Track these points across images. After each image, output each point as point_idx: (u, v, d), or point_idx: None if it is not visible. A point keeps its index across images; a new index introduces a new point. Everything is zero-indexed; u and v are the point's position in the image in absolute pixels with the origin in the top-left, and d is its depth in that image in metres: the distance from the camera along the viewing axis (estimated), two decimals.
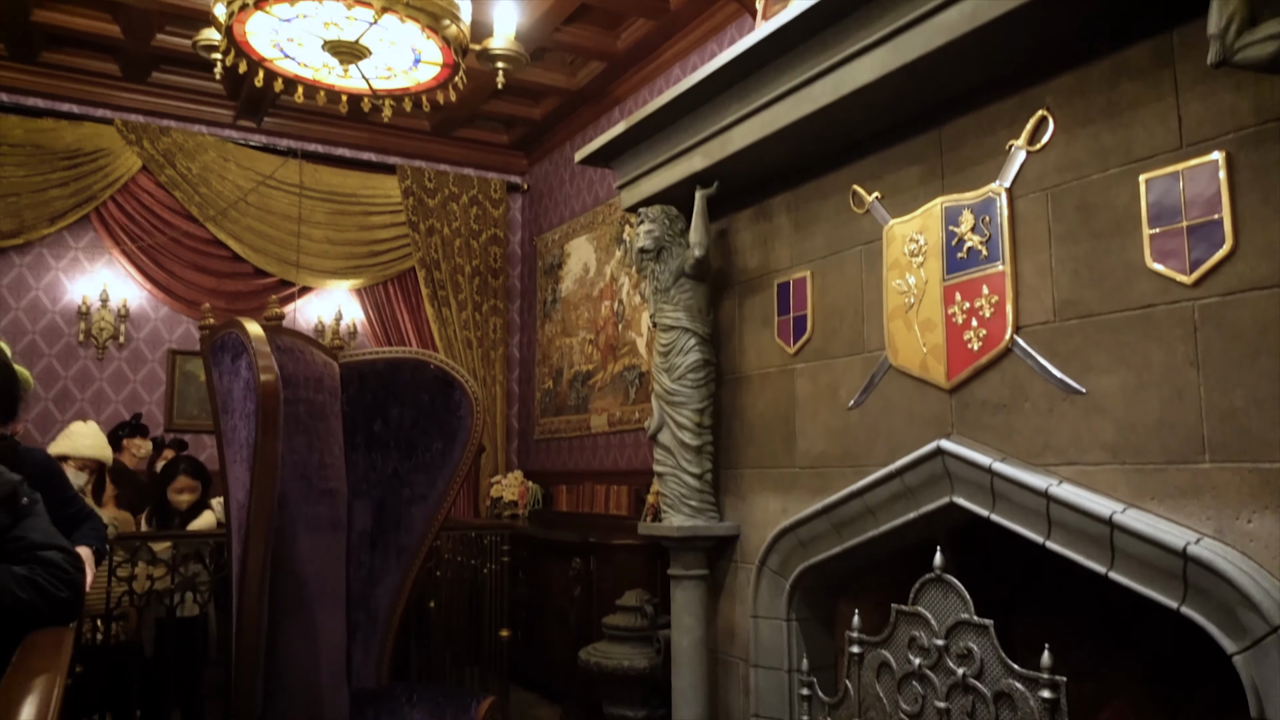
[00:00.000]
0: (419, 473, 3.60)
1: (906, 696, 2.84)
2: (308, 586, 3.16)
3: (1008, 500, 2.66)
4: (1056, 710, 2.41)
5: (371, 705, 3.34)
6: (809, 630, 3.46)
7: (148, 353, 7.29)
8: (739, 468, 3.85)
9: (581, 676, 4.68)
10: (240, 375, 2.91)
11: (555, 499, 7.35)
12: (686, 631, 3.72)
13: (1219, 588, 2.12)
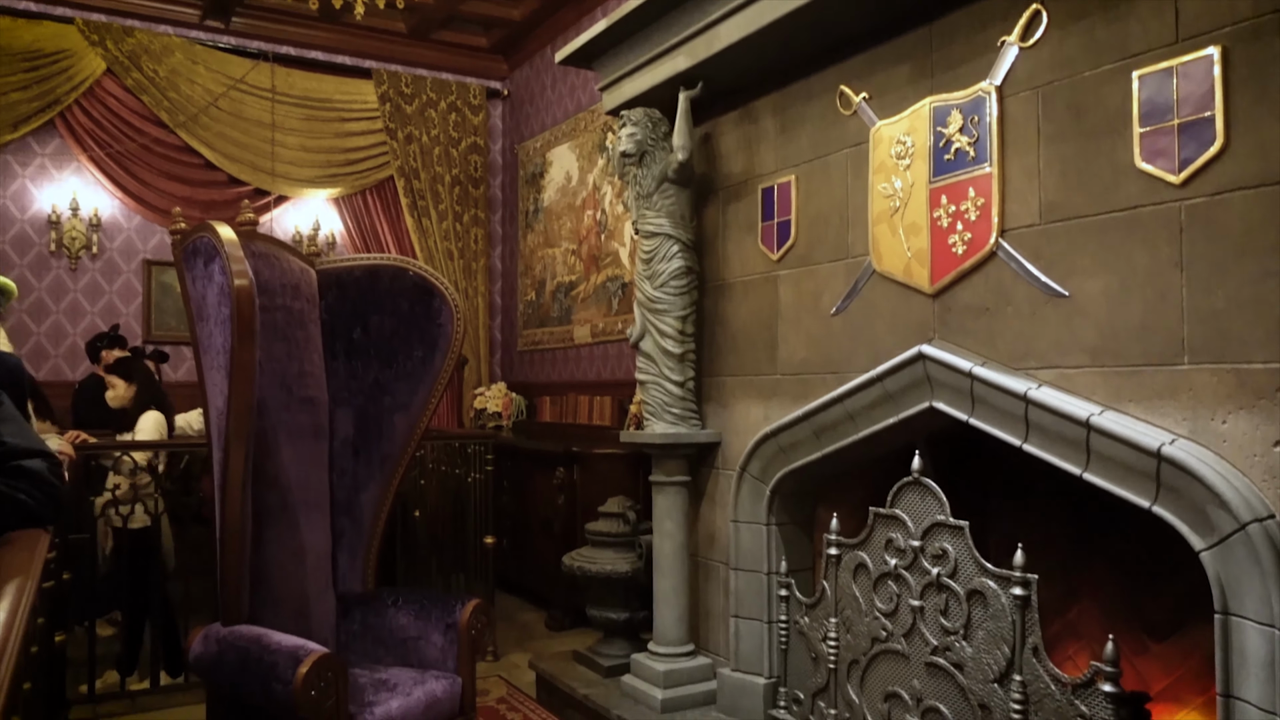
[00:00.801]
0: (400, 381, 3.58)
1: (882, 596, 2.90)
2: (291, 494, 3.17)
3: (987, 404, 2.67)
4: (1027, 607, 2.47)
5: (358, 609, 3.38)
6: (788, 534, 3.51)
7: (122, 263, 7.17)
8: (721, 375, 3.85)
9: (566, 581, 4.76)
10: (214, 280, 2.85)
11: (539, 410, 7.37)
12: (668, 536, 3.78)
13: (1191, 487, 2.14)
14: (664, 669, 3.68)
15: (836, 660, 3.05)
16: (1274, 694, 1.98)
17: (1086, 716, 2.31)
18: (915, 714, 2.78)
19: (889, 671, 2.88)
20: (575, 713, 3.96)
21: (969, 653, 2.62)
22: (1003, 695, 2.52)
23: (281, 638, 2.72)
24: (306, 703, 2.53)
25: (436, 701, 3.03)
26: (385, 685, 2.99)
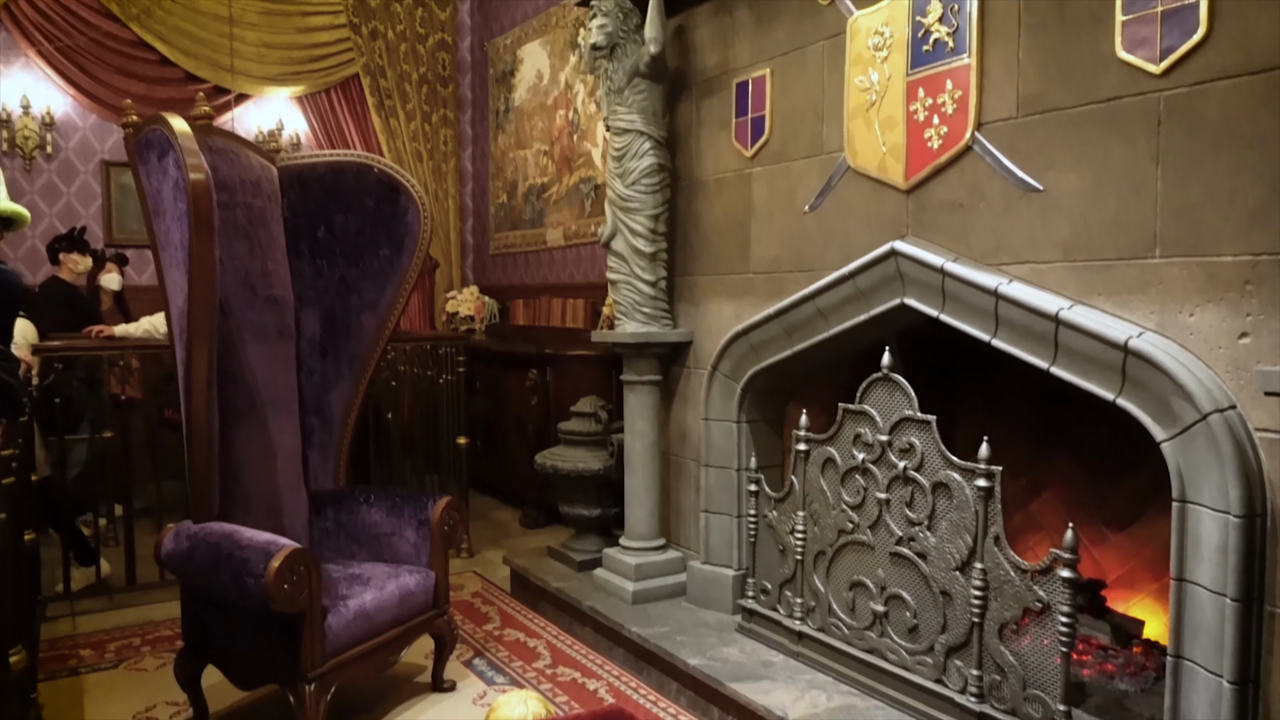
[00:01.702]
0: (367, 280, 3.52)
1: (849, 489, 2.95)
2: (258, 393, 3.14)
3: (958, 300, 2.67)
4: (990, 498, 2.51)
5: (330, 506, 3.40)
6: (758, 431, 3.54)
7: (79, 164, 6.93)
8: (693, 274, 3.82)
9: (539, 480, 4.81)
10: (169, 174, 2.76)
11: (512, 314, 7.33)
12: (639, 435, 3.80)
13: (1156, 379, 2.17)
14: (635, 562, 3.75)
15: (804, 552, 3.11)
16: (1224, 577, 2.04)
17: (1044, 601, 2.38)
18: (879, 601, 2.86)
19: (854, 562, 2.95)
20: (549, 605, 4.04)
21: (932, 543, 2.68)
22: (964, 582, 2.58)
23: (253, 534, 2.73)
24: (280, 596, 2.56)
25: (410, 594, 3.08)
26: (359, 579, 3.02)
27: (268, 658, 2.76)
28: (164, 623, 3.93)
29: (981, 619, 2.54)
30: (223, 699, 3.15)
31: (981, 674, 2.55)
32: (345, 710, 3.10)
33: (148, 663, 3.54)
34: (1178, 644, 2.16)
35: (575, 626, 3.84)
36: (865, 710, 2.79)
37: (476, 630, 3.91)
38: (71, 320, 5.03)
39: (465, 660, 3.58)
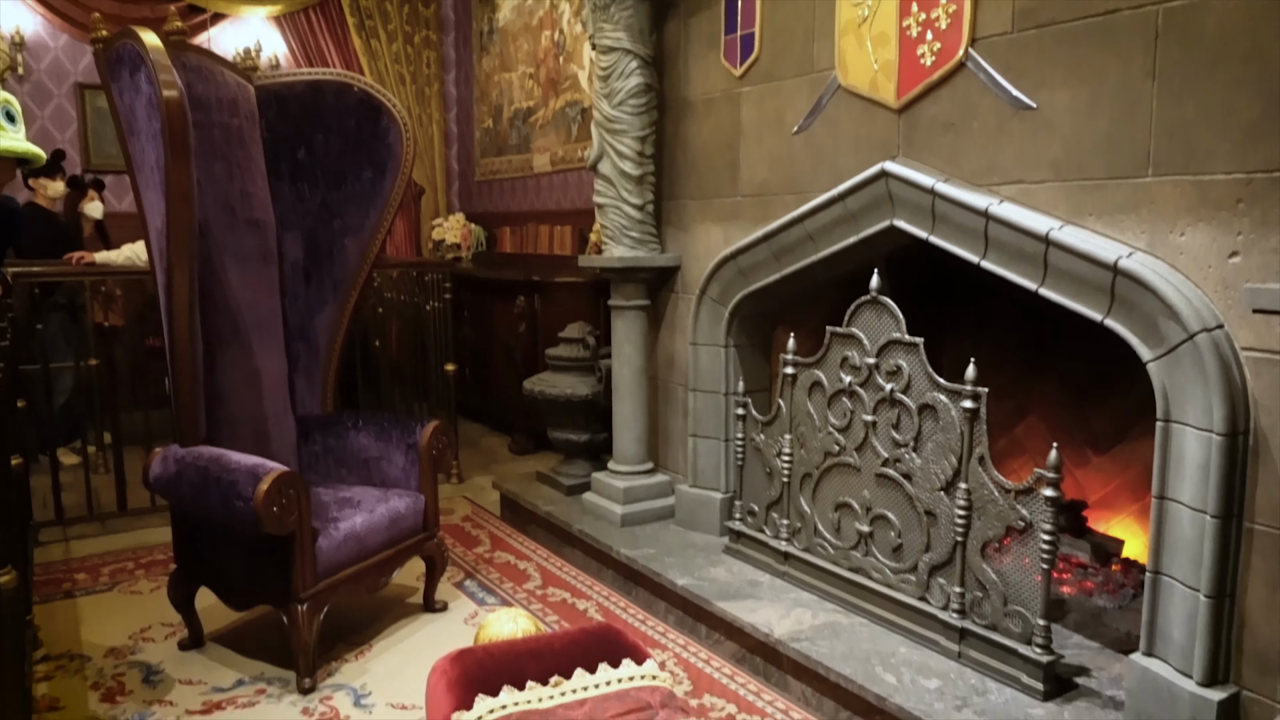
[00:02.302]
0: (349, 204, 3.46)
1: (836, 412, 2.96)
2: (241, 317, 3.11)
3: (948, 221, 2.64)
4: (976, 419, 2.52)
5: (318, 432, 3.40)
6: (746, 356, 3.54)
7: (52, 86, 6.76)
8: (681, 198, 3.77)
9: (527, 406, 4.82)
10: (141, 91, 2.68)
11: (499, 241, 7.26)
12: (627, 361, 3.79)
13: (1144, 299, 2.16)
14: (624, 485, 3.78)
15: (790, 474, 3.14)
16: (1205, 494, 2.06)
17: (1027, 520, 2.41)
18: (864, 522, 2.89)
19: (840, 483, 2.98)
20: (538, 529, 4.09)
21: (918, 464, 2.70)
22: (948, 502, 2.61)
23: (241, 457, 2.73)
24: (269, 518, 2.57)
25: (400, 517, 3.10)
26: (348, 502, 3.04)
27: (260, 579, 2.78)
28: (156, 547, 3.96)
29: (965, 538, 2.58)
30: (217, 620, 3.19)
31: (964, 591, 2.60)
32: (339, 630, 3.15)
33: (142, 585, 3.58)
34: (1157, 560, 2.20)
35: (565, 549, 3.89)
36: (849, 627, 2.84)
37: (467, 553, 3.95)
38: (50, 246, 4.95)
39: (456, 582, 3.63)
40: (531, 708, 1.84)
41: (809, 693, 2.69)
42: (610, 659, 2.02)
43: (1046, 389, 3.44)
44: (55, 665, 2.94)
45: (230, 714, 2.65)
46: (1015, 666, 2.46)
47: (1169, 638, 2.18)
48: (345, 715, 2.64)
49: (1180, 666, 2.15)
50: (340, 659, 2.98)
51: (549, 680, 1.94)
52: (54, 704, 2.70)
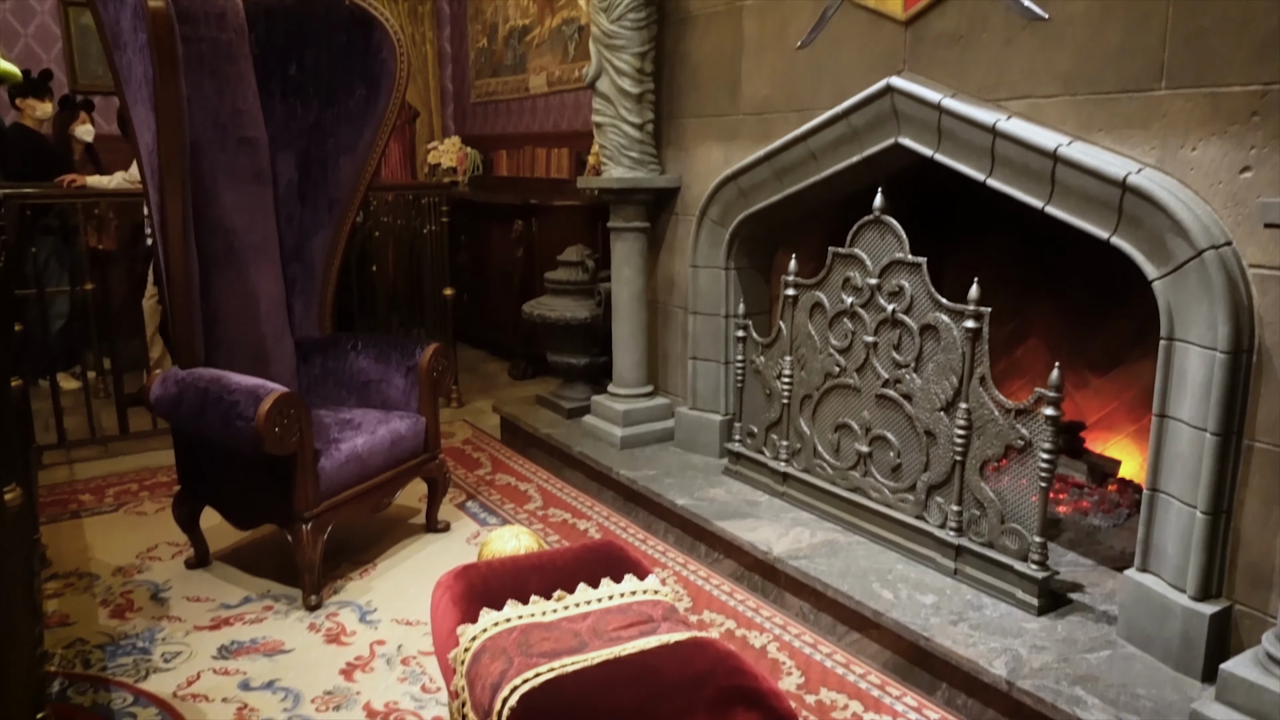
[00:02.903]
0: (343, 122, 3.39)
1: (837, 333, 2.95)
2: (236, 238, 3.07)
3: (954, 138, 2.59)
4: (978, 339, 2.51)
5: (317, 354, 3.39)
6: (746, 278, 3.51)
7: (34, 3, 6.56)
8: (681, 117, 3.69)
9: (526, 331, 4.81)
10: (126, 2, 2.59)
11: (495, 164, 7.15)
12: (626, 283, 3.76)
13: (1152, 216, 2.13)
14: (623, 408, 3.79)
15: (790, 396, 3.14)
16: (1206, 412, 2.06)
17: (1026, 439, 2.42)
18: (863, 442, 2.91)
19: (840, 404, 2.98)
20: (538, 451, 4.11)
21: (918, 384, 2.70)
22: (948, 423, 2.62)
23: (241, 378, 2.72)
24: (271, 438, 2.58)
25: (401, 439, 3.11)
26: (349, 424, 3.04)
27: (263, 499, 2.80)
28: (160, 469, 3.99)
29: (964, 457, 2.59)
30: (223, 540, 3.23)
31: (961, 509, 2.62)
32: (343, 550, 3.19)
33: (146, 507, 3.61)
34: (1154, 478, 2.21)
35: (565, 471, 3.92)
36: (847, 545, 2.88)
37: (468, 475, 3.98)
38: (38, 169, 4.87)
39: (458, 503, 3.66)
40: (535, 620, 1.86)
41: (806, 608, 2.74)
42: (612, 574, 2.04)
43: (1047, 312, 3.43)
44: (64, 583, 2.98)
45: (238, 629, 2.70)
46: (1010, 583, 2.49)
47: (1164, 553, 2.21)
48: (352, 630, 2.69)
49: (1174, 581, 2.18)
50: (345, 577, 3.02)
51: (552, 595, 1.96)
52: (65, 619, 2.75)
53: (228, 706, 2.32)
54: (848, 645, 2.61)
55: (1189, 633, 2.12)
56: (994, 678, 2.18)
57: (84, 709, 2.31)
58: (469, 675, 1.79)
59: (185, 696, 2.37)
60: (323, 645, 2.61)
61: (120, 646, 2.61)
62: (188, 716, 2.28)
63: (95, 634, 2.67)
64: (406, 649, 2.59)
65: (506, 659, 1.73)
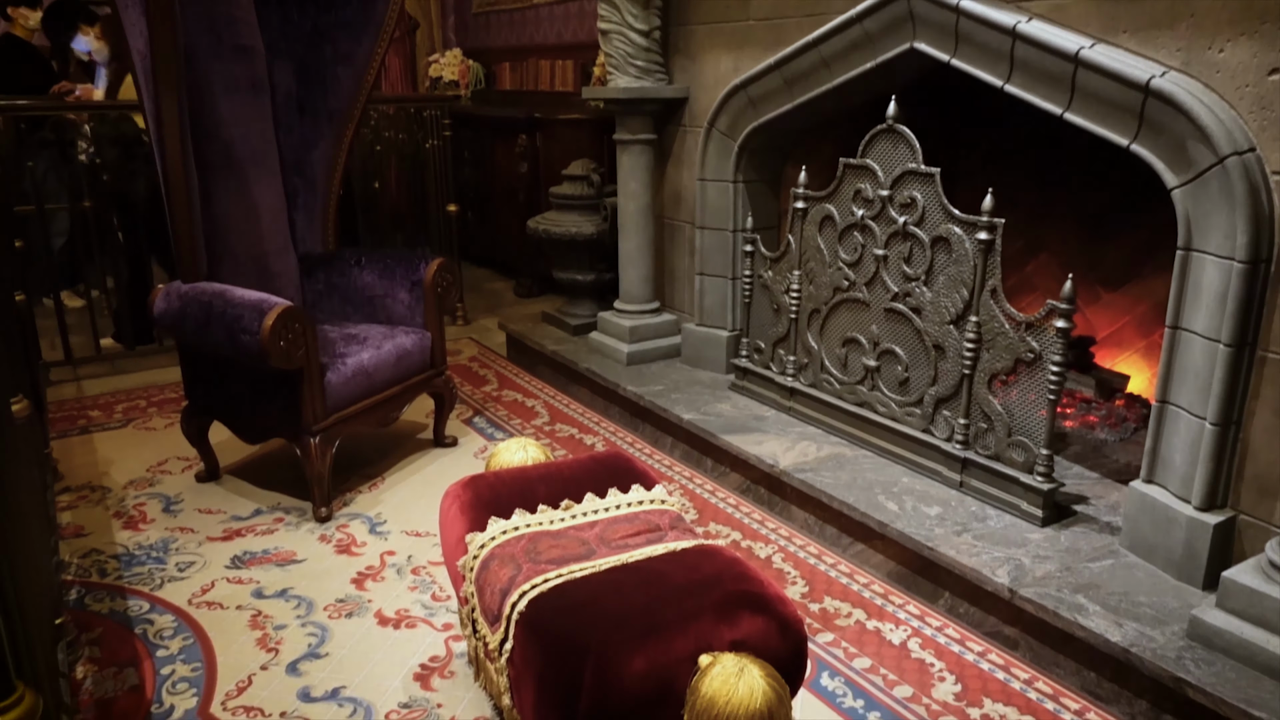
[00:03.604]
0: (340, 29, 3.29)
1: (846, 247, 2.90)
2: (234, 149, 3.01)
3: (971, 42, 2.51)
4: (990, 251, 2.47)
5: (321, 269, 3.36)
6: (755, 192, 3.46)
7: None
8: (689, 23, 3.58)
9: (531, 248, 4.76)
10: None
11: (498, 78, 6.99)
12: (633, 197, 3.71)
13: (1175, 121, 2.07)
14: (630, 324, 3.77)
15: (798, 311, 3.12)
16: (1220, 323, 2.04)
17: (1036, 352, 2.40)
18: (871, 357, 2.89)
19: (848, 319, 2.96)
20: (545, 368, 4.11)
21: (928, 298, 2.67)
22: (957, 336, 2.60)
23: (244, 292, 2.70)
24: (276, 352, 2.57)
25: (406, 354, 3.10)
26: (355, 339, 3.03)
27: (271, 413, 2.81)
28: (167, 386, 4.00)
29: (972, 371, 2.57)
30: (232, 455, 3.26)
31: (968, 423, 2.62)
32: (352, 464, 3.21)
33: (155, 422, 3.63)
34: (1165, 390, 2.20)
35: (571, 387, 3.92)
36: (853, 458, 2.89)
37: (475, 392, 3.99)
38: (30, 80, 4.76)
39: (465, 419, 3.68)
40: (543, 529, 1.88)
41: (812, 520, 2.76)
42: (619, 484, 2.05)
43: (1059, 226, 3.37)
44: (77, 496, 3.01)
45: (250, 540, 2.73)
46: (1015, 494, 2.50)
47: (1170, 465, 2.21)
48: (362, 542, 2.72)
49: (1179, 492, 2.19)
50: (354, 490, 3.05)
51: (559, 504, 1.98)
52: (79, 530, 2.79)
53: (242, 614, 2.37)
54: (852, 556, 2.64)
55: (1192, 542, 2.14)
56: (996, 586, 2.21)
57: (101, 616, 2.36)
58: (478, 581, 1.81)
59: (200, 604, 2.41)
60: (333, 555, 2.65)
61: (135, 556, 2.65)
62: (203, 623, 2.32)
63: (110, 545, 2.71)
64: (416, 559, 2.63)
65: (515, 565, 1.75)
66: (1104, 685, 2.03)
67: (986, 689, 2.09)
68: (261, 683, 2.10)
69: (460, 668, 2.15)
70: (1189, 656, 1.92)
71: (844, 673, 2.14)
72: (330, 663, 2.17)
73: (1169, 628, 2.01)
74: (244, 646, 2.23)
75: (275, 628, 2.30)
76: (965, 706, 2.03)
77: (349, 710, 2.01)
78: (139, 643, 2.25)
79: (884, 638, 2.28)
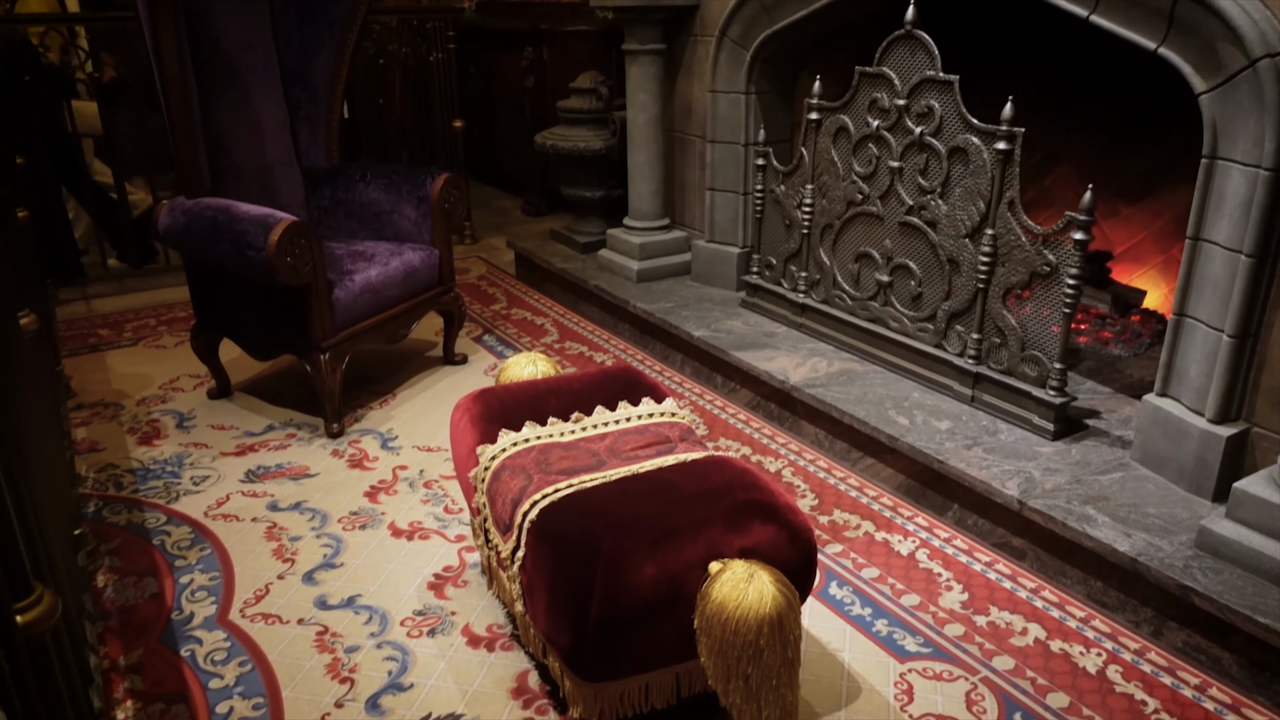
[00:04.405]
0: None
1: (861, 159, 2.84)
2: (234, 60, 2.94)
3: None
4: (1009, 161, 2.41)
5: (326, 185, 3.32)
6: (767, 104, 3.37)
7: None
8: None
9: (539, 165, 4.69)
10: None
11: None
12: (642, 109, 3.62)
13: (1205, 22, 1.99)
14: (639, 241, 3.73)
15: (810, 226, 3.07)
16: (1243, 234, 1.99)
17: (1053, 265, 2.36)
18: (884, 272, 2.85)
19: (862, 233, 2.91)
20: (554, 286, 4.08)
21: (944, 210, 2.62)
22: (972, 249, 2.56)
23: (249, 208, 2.67)
24: (283, 268, 2.55)
25: (414, 271, 3.08)
26: (362, 256, 3.01)
27: (280, 330, 2.80)
28: (176, 304, 4.00)
29: (987, 285, 2.54)
30: (243, 372, 3.27)
31: (981, 338, 2.60)
32: (362, 380, 3.22)
33: (165, 340, 3.63)
34: (1183, 303, 2.17)
35: (581, 305, 3.90)
36: (864, 374, 2.88)
37: (484, 310, 3.98)
38: None
39: (475, 337, 3.67)
40: (553, 441, 1.88)
41: (822, 435, 2.77)
42: (629, 397, 2.05)
43: (1078, 139, 3.29)
44: (91, 412, 3.03)
45: (264, 455, 2.76)
46: (1027, 409, 2.50)
47: (1185, 378, 2.19)
48: (374, 457, 2.74)
49: (1193, 405, 2.17)
50: (366, 407, 3.06)
51: (569, 417, 1.97)
52: (95, 446, 2.81)
53: (257, 525, 2.40)
54: (861, 470, 2.65)
55: (1204, 455, 2.13)
56: (1006, 498, 2.21)
57: (119, 528, 2.39)
58: (489, 492, 1.82)
59: (216, 516, 2.44)
60: (346, 470, 2.67)
61: (150, 471, 2.67)
62: (220, 534, 2.36)
63: (125, 459, 2.74)
64: (428, 474, 2.65)
65: (526, 476, 1.75)
66: (1110, 594, 2.05)
67: (993, 597, 2.11)
68: (279, 591, 2.14)
69: (473, 577, 2.18)
70: (1196, 565, 1.93)
71: (852, 582, 2.17)
72: (346, 572, 2.21)
73: (1177, 538, 2.02)
74: (260, 557, 2.27)
75: (291, 539, 2.34)
76: (971, 614, 2.06)
77: (365, 617, 2.05)
78: (157, 553, 2.29)
79: (892, 549, 2.30)
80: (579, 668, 1.54)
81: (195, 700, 1.81)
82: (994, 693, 1.83)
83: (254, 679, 1.87)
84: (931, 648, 1.96)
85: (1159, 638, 1.97)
